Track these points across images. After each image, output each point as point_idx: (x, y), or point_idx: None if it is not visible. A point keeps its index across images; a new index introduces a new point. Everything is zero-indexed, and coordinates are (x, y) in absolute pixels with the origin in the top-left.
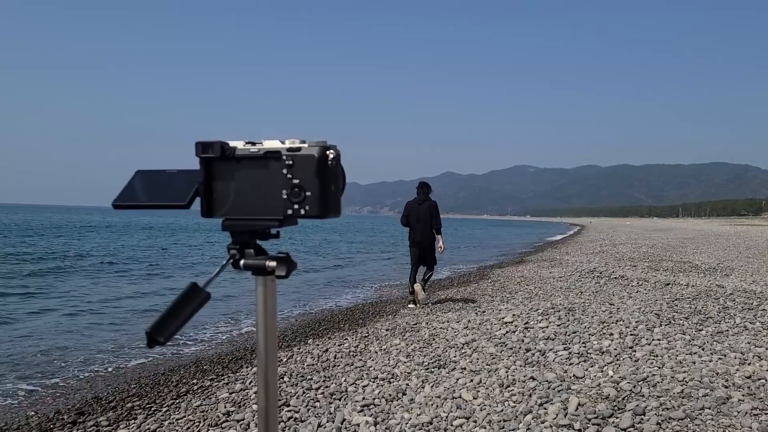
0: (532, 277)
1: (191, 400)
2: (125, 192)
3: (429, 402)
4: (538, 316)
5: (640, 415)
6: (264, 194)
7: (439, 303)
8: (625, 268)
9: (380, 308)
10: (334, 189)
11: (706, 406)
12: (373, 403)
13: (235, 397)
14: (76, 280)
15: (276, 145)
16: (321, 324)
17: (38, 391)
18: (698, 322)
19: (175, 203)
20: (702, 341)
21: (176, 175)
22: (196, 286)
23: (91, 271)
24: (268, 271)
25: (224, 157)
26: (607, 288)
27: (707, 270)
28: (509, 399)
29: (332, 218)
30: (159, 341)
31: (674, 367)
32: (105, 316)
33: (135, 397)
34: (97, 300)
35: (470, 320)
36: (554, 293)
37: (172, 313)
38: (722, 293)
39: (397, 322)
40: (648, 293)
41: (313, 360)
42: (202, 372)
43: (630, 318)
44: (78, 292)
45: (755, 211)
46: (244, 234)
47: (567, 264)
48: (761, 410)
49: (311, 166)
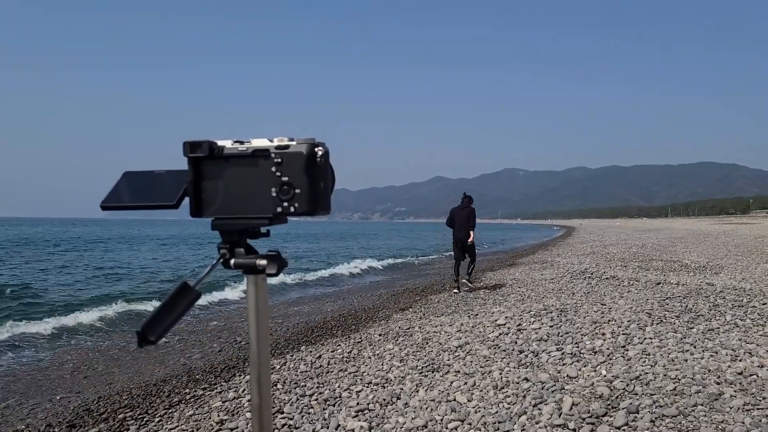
0: (524, 279)
1: (184, 409)
2: (113, 193)
3: (423, 406)
4: (531, 317)
5: (633, 413)
6: (253, 193)
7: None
8: (615, 268)
9: (373, 314)
10: (323, 186)
11: (698, 402)
12: (367, 408)
13: (228, 406)
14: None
15: (264, 144)
16: (314, 331)
17: (28, 404)
18: (689, 320)
19: (163, 203)
20: (693, 339)
21: (164, 175)
22: (186, 285)
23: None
24: (258, 270)
25: (213, 157)
26: (599, 288)
27: (697, 269)
28: (503, 401)
29: (322, 215)
30: (150, 340)
31: (666, 365)
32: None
33: (127, 408)
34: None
35: (463, 323)
36: (546, 295)
37: (163, 312)
38: (712, 291)
39: (390, 327)
40: (639, 293)
41: (306, 367)
42: (194, 381)
43: (622, 318)
44: (63, 298)
45: (743, 209)
46: (234, 233)
47: (558, 265)
48: (753, 405)
49: (300, 163)
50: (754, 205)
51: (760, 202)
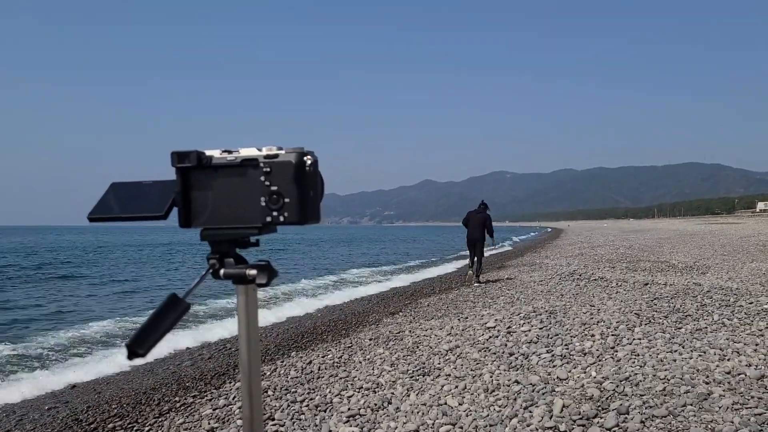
0: (513, 281)
1: (174, 417)
2: (100, 204)
3: (415, 410)
4: (520, 320)
5: (624, 414)
6: (242, 202)
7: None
8: (604, 269)
9: (363, 318)
10: (312, 195)
11: (688, 402)
12: (358, 414)
13: (218, 413)
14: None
15: (253, 153)
16: (304, 336)
17: (16, 414)
18: (677, 320)
19: (152, 214)
20: (682, 339)
21: (152, 186)
22: (175, 297)
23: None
24: (248, 280)
25: (201, 166)
26: (587, 290)
27: (684, 269)
28: (494, 403)
29: (311, 224)
30: (139, 353)
31: (656, 366)
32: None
33: (116, 417)
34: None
35: (453, 327)
36: (535, 297)
37: (152, 325)
38: (700, 291)
39: (381, 332)
40: (627, 294)
41: (297, 372)
42: (184, 389)
43: (611, 319)
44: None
45: (729, 209)
46: (224, 243)
47: (547, 267)
48: (742, 405)
49: (289, 172)
50: (739, 205)
51: (745, 201)
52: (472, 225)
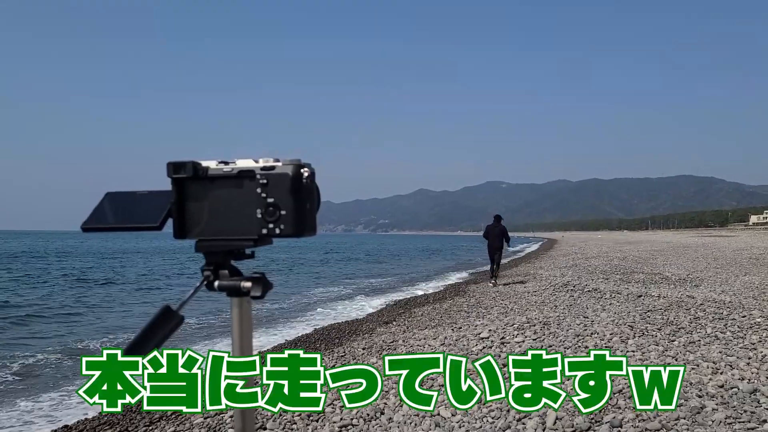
0: (507, 292)
1: (165, 426)
2: (95, 214)
3: (408, 420)
4: (514, 330)
5: (617, 427)
6: (238, 214)
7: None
8: (597, 281)
9: (356, 327)
10: (309, 207)
11: (681, 416)
12: (351, 424)
13: (210, 422)
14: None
15: (250, 164)
16: (296, 344)
17: (2, 422)
18: (671, 332)
19: (146, 225)
20: (675, 351)
21: (147, 196)
22: (169, 309)
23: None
24: (243, 292)
25: (197, 177)
26: (581, 301)
27: (677, 281)
28: (488, 415)
29: (308, 237)
30: None
31: None
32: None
33: (106, 425)
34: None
35: (447, 336)
36: (529, 308)
37: (145, 338)
38: (693, 304)
39: (374, 341)
40: (621, 305)
41: None
42: None
43: (604, 330)
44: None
45: (722, 222)
46: (219, 255)
47: (541, 278)
48: (735, 419)
49: (286, 184)
50: (733, 218)
51: (738, 214)
52: (492, 237)
